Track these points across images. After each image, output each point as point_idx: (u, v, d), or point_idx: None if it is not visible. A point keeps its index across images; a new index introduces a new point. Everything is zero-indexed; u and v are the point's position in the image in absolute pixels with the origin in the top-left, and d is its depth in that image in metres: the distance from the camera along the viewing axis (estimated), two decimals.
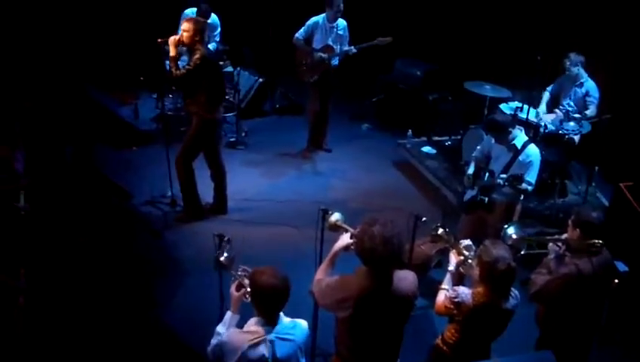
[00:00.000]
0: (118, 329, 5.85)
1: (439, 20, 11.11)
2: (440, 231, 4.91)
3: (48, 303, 5.94)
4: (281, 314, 3.95)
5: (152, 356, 5.68)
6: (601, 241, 4.60)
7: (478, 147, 6.57)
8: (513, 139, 6.12)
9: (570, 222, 4.79)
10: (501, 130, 6.14)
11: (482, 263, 4.29)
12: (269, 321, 3.91)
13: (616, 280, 5.32)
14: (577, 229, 4.69)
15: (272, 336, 3.87)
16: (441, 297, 4.47)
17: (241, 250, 5.36)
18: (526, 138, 6.20)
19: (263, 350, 3.84)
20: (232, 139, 9.64)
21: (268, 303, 3.89)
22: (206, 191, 7.80)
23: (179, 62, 7.08)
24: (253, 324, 3.92)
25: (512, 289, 4.37)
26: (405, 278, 4.05)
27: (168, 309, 6.30)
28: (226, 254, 4.48)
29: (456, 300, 4.30)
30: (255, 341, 3.83)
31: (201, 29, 7.08)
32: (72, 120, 8.93)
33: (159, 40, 7.17)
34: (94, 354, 5.59)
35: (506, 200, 6.15)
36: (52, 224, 6.80)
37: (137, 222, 7.62)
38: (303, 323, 4.06)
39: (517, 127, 6.27)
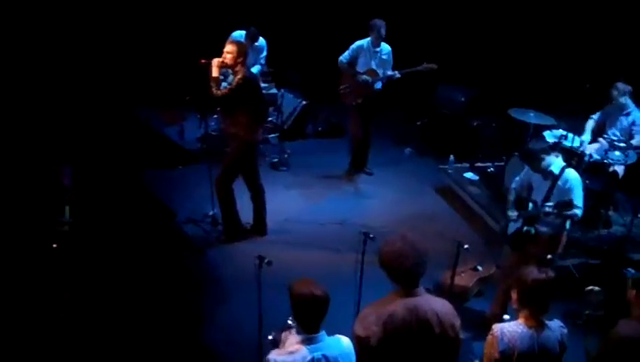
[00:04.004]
0: (160, 347, 5.85)
1: (484, 46, 11.03)
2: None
3: (92, 319, 5.97)
4: (324, 331, 3.87)
5: None
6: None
7: (517, 178, 6.43)
8: (549, 165, 5.97)
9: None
10: (533, 157, 6.00)
11: (515, 283, 4.17)
12: (311, 336, 3.81)
13: None
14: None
15: (317, 354, 3.77)
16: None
17: (280, 272, 5.36)
18: (563, 163, 6.04)
19: None
20: (274, 160, 9.66)
21: (308, 313, 3.81)
22: (247, 211, 7.78)
23: (222, 84, 7.15)
24: (295, 343, 3.82)
25: (557, 321, 4.22)
26: (441, 303, 3.87)
27: (208, 329, 6.27)
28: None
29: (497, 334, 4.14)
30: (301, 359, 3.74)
31: (244, 52, 7.16)
32: (121, 139, 9.06)
33: (202, 61, 7.24)
34: None
35: (551, 230, 6.01)
36: (96, 240, 6.87)
37: (180, 240, 7.65)
38: (344, 339, 3.94)
39: (553, 153, 6.11)
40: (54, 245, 6.15)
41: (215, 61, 7.11)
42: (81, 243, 6.57)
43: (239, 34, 9.28)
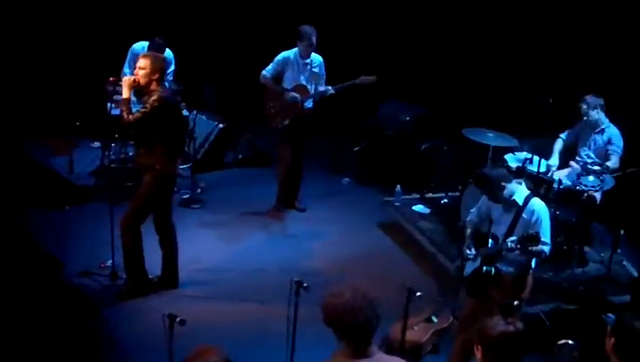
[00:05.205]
0: None
1: (432, 59, 11.18)
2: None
3: None
4: None
5: None
6: None
7: (472, 210, 6.49)
8: (511, 195, 6.04)
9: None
10: (491, 186, 6.07)
11: (478, 338, 4.15)
12: None
13: None
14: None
15: None
16: None
17: (195, 333, 5.26)
18: (528, 192, 6.12)
19: None
20: (185, 197, 9.55)
21: None
22: (153, 260, 7.64)
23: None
24: None
25: None
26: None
27: None
28: None
29: None
30: None
31: (160, 67, 7.13)
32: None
33: (110, 79, 7.17)
34: None
35: (515, 270, 6.05)
36: None
37: (70, 296, 7.44)
38: None
39: (515, 180, 6.19)
40: None
41: (126, 79, 7.07)
42: None
43: (141, 46, 9.20)
